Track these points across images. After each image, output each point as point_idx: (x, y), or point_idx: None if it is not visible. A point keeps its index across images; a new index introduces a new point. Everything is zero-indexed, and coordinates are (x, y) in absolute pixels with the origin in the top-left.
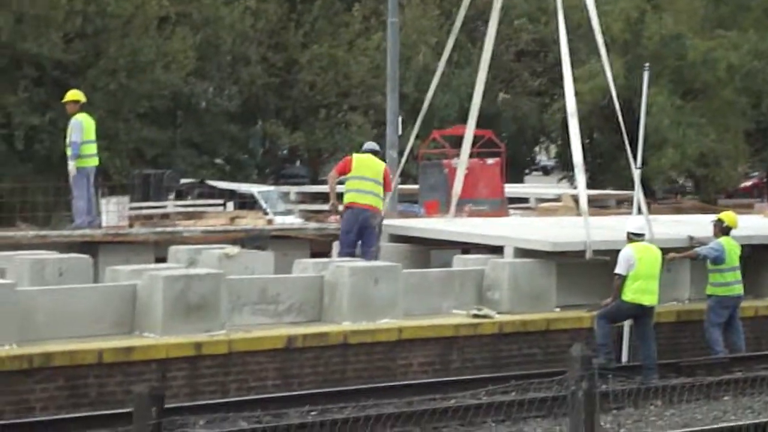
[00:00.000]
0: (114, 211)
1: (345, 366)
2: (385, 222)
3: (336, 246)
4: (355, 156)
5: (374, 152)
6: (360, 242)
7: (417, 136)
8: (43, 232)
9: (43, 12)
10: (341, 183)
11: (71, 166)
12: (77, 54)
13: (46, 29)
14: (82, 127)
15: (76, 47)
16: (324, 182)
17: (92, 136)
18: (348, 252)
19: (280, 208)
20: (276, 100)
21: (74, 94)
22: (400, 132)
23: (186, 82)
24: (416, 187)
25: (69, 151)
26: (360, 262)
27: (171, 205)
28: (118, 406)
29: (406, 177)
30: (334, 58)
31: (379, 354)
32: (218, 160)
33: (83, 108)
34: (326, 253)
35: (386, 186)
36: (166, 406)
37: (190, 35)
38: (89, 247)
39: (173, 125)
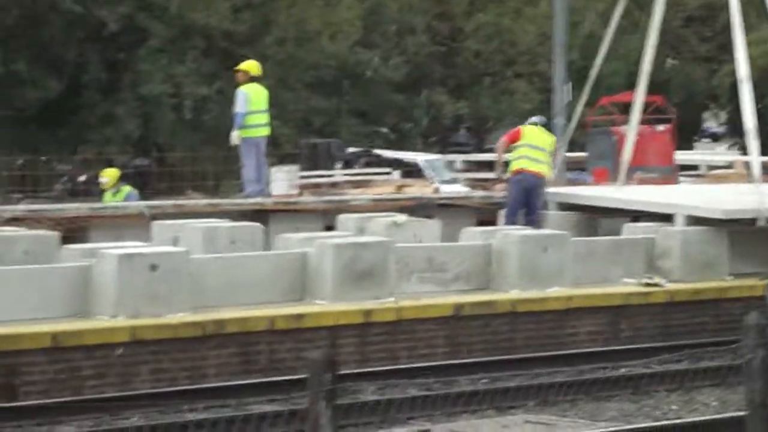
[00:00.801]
0: (284, 180)
1: (513, 334)
2: (554, 190)
3: (502, 214)
4: (527, 126)
5: (543, 124)
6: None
7: (586, 104)
8: (214, 201)
9: None
10: (508, 152)
11: (233, 136)
12: (245, 24)
13: (215, 0)
14: (247, 98)
15: (244, 17)
16: (489, 150)
17: (262, 106)
18: (514, 220)
19: (445, 177)
20: (441, 68)
21: (245, 65)
22: (568, 99)
23: (352, 52)
24: (584, 154)
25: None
26: (528, 230)
27: (339, 174)
28: (289, 373)
29: (573, 145)
30: (499, 27)
31: (547, 322)
32: (384, 129)
33: (255, 80)
34: (492, 222)
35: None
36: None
37: (356, 5)
38: (260, 215)
39: (339, 95)
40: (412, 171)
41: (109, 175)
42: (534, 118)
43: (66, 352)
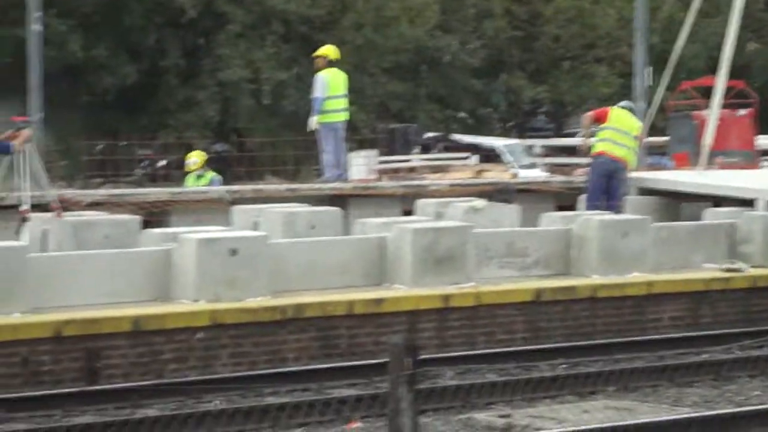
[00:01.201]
0: (362, 165)
1: (594, 320)
2: (634, 174)
3: (582, 199)
4: (615, 108)
5: (630, 109)
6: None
7: (666, 88)
8: (293, 186)
9: None
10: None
11: (311, 121)
12: (324, 9)
13: None
14: (325, 84)
15: (322, 2)
16: (568, 135)
17: (340, 91)
18: (595, 204)
19: (524, 162)
20: (519, 53)
21: (323, 50)
22: (648, 83)
23: (430, 36)
24: (665, 139)
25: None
26: (608, 215)
27: (417, 159)
28: (368, 357)
29: (654, 129)
30: (579, 10)
31: (628, 308)
32: (461, 114)
33: (334, 65)
34: (572, 207)
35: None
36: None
37: None
38: (339, 200)
39: (417, 80)
40: (490, 156)
41: (198, 156)
42: (623, 102)
43: (147, 336)
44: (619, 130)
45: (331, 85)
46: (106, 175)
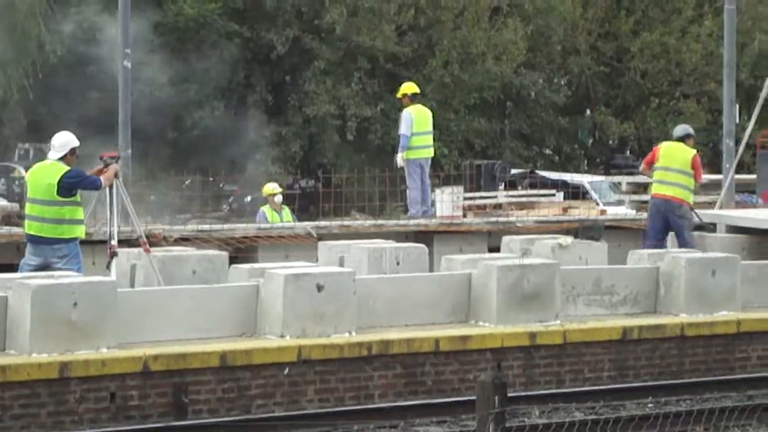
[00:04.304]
0: (448, 201)
1: (681, 358)
2: (722, 212)
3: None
4: (663, 145)
5: (684, 137)
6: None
7: (756, 123)
8: (379, 221)
9: (377, 5)
10: None
11: (398, 157)
12: (410, 46)
13: (380, 22)
14: (411, 120)
15: (408, 39)
16: None
17: (426, 128)
18: (652, 244)
19: (610, 199)
20: (605, 89)
21: (404, 88)
22: (736, 120)
23: (516, 74)
24: (753, 176)
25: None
26: (697, 254)
27: (503, 195)
28: (454, 394)
29: (742, 167)
30: (666, 46)
31: (716, 347)
32: (547, 151)
33: (417, 100)
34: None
35: (696, 175)
36: None
37: (521, 26)
38: (424, 236)
39: (502, 116)
40: (576, 193)
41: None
42: (677, 129)
43: (234, 372)
44: (667, 168)
45: (416, 122)
46: (193, 211)
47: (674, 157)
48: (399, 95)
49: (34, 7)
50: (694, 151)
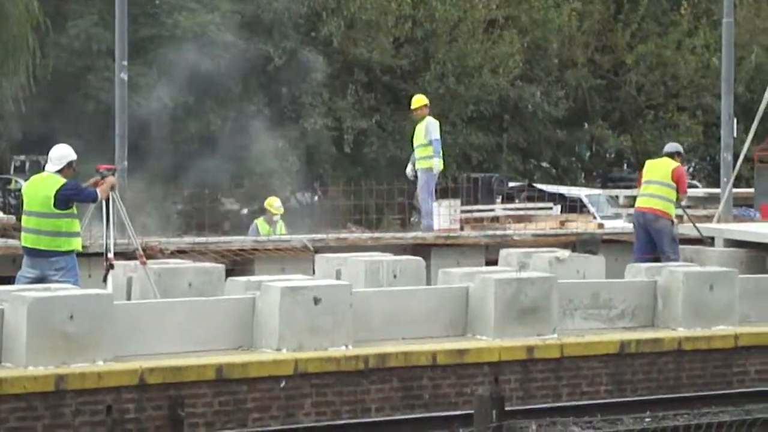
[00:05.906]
0: (445, 214)
1: (679, 373)
2: (720, 226)
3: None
4: (649, 161)
5: (674, 154)
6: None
7: (754, 136)
8: (376, 234)
9: (374, 17)
10: None
11: (435, 162)
12: (406, 59)
13: (377, 34)
14: (438, 127)
15: (405, 52)
16: None
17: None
18: (639, 258)
19: (608, 212)
20: (602, 102)
21: (422, 99)
22: (734, 134)
23: (513, 86)
24: (751, 190)
25: (420, 152)
26: (695, 268)
27: (499, 209)
28: (451, 408)
29: (740, 180)
30: (661, 58)
31: (714, 361)
32: (544, 164)
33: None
34: (657, 258)
35: (679, 188)
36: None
37: (518, 39)
38: (421, 249)
39: (499, 129)
40: (573, 206)
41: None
42: (667, 146)
43: (230, 385)
44: (649, 182)
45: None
46: (189, 223)
47: (656, 170)
48: (417, 106)
49: (29, 20)
50: (677, 164)
